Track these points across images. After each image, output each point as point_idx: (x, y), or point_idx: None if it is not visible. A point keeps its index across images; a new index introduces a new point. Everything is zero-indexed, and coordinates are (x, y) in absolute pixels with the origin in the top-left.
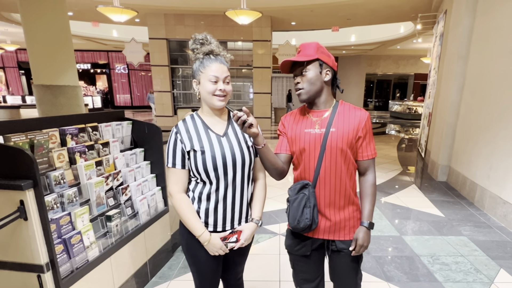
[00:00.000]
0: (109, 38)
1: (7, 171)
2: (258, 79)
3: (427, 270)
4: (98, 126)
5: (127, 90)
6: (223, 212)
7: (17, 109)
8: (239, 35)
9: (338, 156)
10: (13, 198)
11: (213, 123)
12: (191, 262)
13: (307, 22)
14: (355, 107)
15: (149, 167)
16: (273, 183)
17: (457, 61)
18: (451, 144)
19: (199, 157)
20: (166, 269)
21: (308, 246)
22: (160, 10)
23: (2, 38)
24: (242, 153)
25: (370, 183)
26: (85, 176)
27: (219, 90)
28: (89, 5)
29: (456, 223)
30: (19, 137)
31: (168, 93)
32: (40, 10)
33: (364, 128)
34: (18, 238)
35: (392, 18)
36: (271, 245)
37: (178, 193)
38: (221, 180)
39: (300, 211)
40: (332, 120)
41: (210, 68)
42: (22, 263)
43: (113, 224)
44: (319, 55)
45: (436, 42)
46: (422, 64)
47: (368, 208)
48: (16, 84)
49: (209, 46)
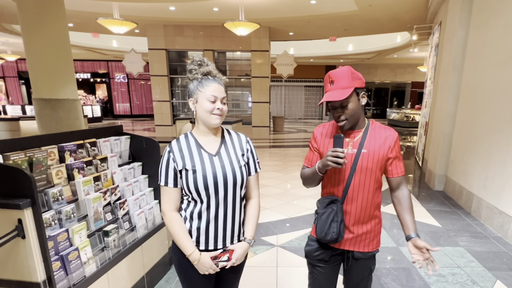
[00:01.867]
0: (109, 48)
1: (5, 190)
2: (256, 89)
3: (423, 282)
4: (97, 141)
5: (126, 99)
6: (214, 231)
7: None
8: (238, 45)
9: (367, 176)
10: (11, 217)
11: (206, 142)
12: (183, 280)
13: (305, 32)
14: (385, 127)
15: (147, 181)
16: (270, 193)
17: (452, 72)
18: (447, 154)
19: (190, 176)
20: (163, 282)
21: (328, 253)
22: (159, 22)
23: (3, 48)
24: (234, 172)
25: (406, 197)
26: (83, 192)
27: (217, 109)
28: (90, 17)
29: (453, 233)
30: (18, 155)
31: (167, 102)
32: (40, 21)
33: (393, 149)
34: (16, 256)
35: (389, 28)
36: (268, 257)
37: (170, 211)
38: (212, 199)
39: (328, 225)
40: (364, 141)
41: (209, 87)
42: (19, 281)
43: (111, 239)
44: (354, 84)
45: (431, 53)
46: (419, 72)
47: (412, 220)
48: (16, 94)
49: (207, 67)
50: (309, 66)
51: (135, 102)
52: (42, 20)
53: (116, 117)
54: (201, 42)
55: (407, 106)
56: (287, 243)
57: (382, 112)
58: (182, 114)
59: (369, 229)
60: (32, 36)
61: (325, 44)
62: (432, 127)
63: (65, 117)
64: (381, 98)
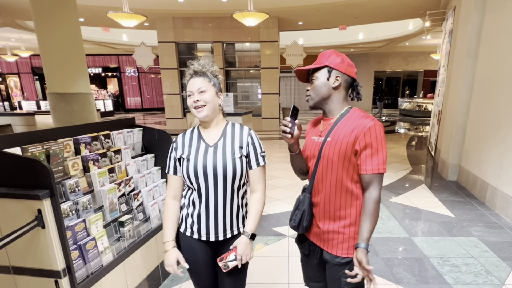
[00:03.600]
0: (119, 42)
1: (25, 181)
2: (266, 80)
3: (436, 272)
4: (110, 134)
5: (137, 92)
6: (206, 221)
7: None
8: (247, 36)
9: (329, 168)
10: (31, 207)
11: (207, 133)
12: (189, 271)
13: (314, 21)
14: (363, 115)
15: (159, 172)
16: (280, 184)
17: (466, 59)
18: (461, 143)
19: (184, 164)
20: None
21: (306, 247)
22: (168, 14)
23: (17, 45)
24: (225, 164)
25: (371, 199)
26: (98, 183)
27: (194, 101)
28: (100, 11)
29: (467, 223)
30: (36, 148)
31: (177, 95)
32: (53, 17)
33: (363, 139)
34: (37, 245)
35: (400, 15)
36: (279, 247)
37: (168, 198)
38: (202, 188)
39: (293, 212)
40: (333, 128)
41: (187, 86)
42: (40, 269)
43: (126, 229)
44: (329, 62)
45: (445, 39)
46: (431, 60)
47: (366, 227)
48: (30, 89)
49: (192, 66)
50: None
51: (146, 96)
52: (55, 16)
53: (127, 111)
54: (210, 34)
55: (419, 95)
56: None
57: (394, 101)
58: None
59: (335, 229)
60: (45, 32)
61: (335, 33)
62: (446, 116)
63: (78, 111)
64: (392, 87)
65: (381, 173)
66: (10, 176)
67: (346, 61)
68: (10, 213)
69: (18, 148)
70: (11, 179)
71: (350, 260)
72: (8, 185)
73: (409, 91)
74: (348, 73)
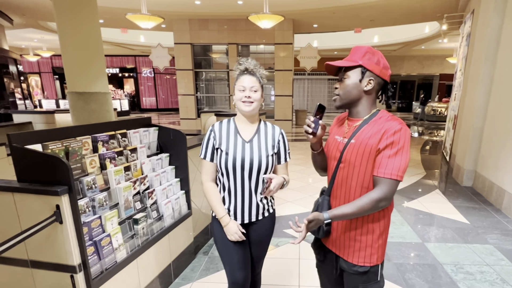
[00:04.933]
0: (136, 44)
1: (44, 177)
2: (279, 82)
3: (450, 279)
4: (127, 132)
5: (153, 93)
6: (241, 206)
7: (52, 114)
8: (261, 39)
9: (349, 172)
10: (50, 202)
11: (243, 128)
12: (224, 252)
13: (329, 24)
14: (391, 118)
15: (173, 171)
16: (292, 186)
17: (484, 63)
18: (477, 148)
19: (223, 156)
20: (188, 270)
21: (321, 253)
22: (185, 16)
23: (39, 45)
24: (260, 159)
25: (369, 195)
26: (114, 181)
27: (245, 96)
28: (119, 13)
29: (482, 230)
30: (56, 145)
31: (191, 96)
32: (75, 19)
33: (385, 141)
34: (54, 240)
35: (417, 18)
36: (290, 250)
37: (207, 182)
38: (238, 178)
39: None
40: (358, 131)
41: (240, 80)
42: (57, 263)
43: (140, 227)
44: (364, 61)
45: (462, 43)
46: (448, 64)
47: (342, 209)
48: (50, 89)
49: (245, 64)
50: (333, 59)
51: (161, 96)
52: (77, 17)
53: (142, 111)
54: (225, 36)
55: (435, 99)
56: (310, 236)
57: (408, 105)
58: (205, 108)
59: (352, 236)
60: (67, 33)
61: (349, 36)
62: (462, 120)
63: (97, 110)
64: (407, 91)
65: (393, 180)
66: (30, 172)
67: (383, 62)
68: (29, 207)
69: (39, 144)
70: (32, 175)
71: (368, 269)
72: (28, 181)
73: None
74: (383, 75)
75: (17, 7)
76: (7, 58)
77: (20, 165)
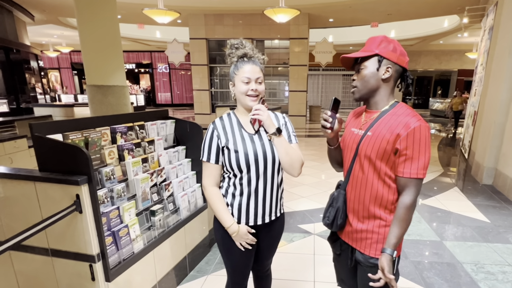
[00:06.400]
0: (152, 39)
1: (65, 167)
2: (294, 77)
3: (470, 279)
4: (145, 124)
5: (168, 88)
6: (255, 207)
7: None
8: (277, 33)
9: (365, 164)
10: (70, 192)
11: (247, 121)
12: (225, 255)
13: (346, 18)
14: (410, 112)
15: (190, 164)
16: (306, 182)
17: (509, 57)
18: (498, 145)
19: (232, 155)
20: (203, 263)
21: (338, 246)
22: (200, 11)
23: (58, 41)
24: (272, 149)
25: (403, 204)
26: (132, 172)
27: (251, 90)
28: (136, 8)
29: (503, 229)
30: (76, 135)
31: (206, 91)
32: (94, 14)
33: (405, 140)
34: (74, 229)
35: (437, 12)
36: (305, 245)
37: (211, 186)
38: (253, 175)
39: (326, 209)
40: (375, 123)
41: (243, 69)
42: (76, 252)
43: (157, 218)
44: (380, 50)
45: (484, 36)
46: (467, 59)
47: (394, 233)
48: (69, 84)
49: (243, 49)
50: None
51: (176, 92)
52: (96, 13)
53: (158, 106)
54: (240, 30)
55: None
56: (325, 231)
57: (425, 102)
58: (219, 103)
59: (369, 228)
60: (86, 28)
61: (365, 31)
62: (482, 116)
63: (114, 103)
64: (423, 87)
65: (419, 178)
66: (51, 161)
67: (399, 49)
68: (50, 196)
69: (59, 134)
70: (52, 164)
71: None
72: (49, 170)
73: (441, 91)
74: (400, 62)
75: (38, 3)
76: (28, 54)
77: (42, 154)
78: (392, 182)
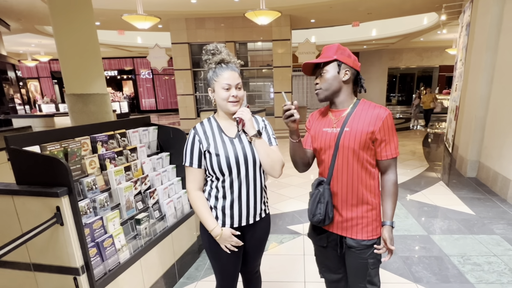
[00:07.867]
0: (134, 45)
1: (44, 179)
2: (278, 79)
3: (457, 271)
4: (126, 132)
5: (152, 94)
6: (238, 209)
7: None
8: (259, 36)
9: (350, 156)
10: (50, 204)
11: (227, 126)
12: (212, 259)
13: (327, 18)
14: (375, 105)
15: (174, 170)
16: (295, 183)
17: (486, 52)
18: (480, 139)
19: (214, 159)
20: (193, 270)
21: (324, 239)
22: (181, 15)
23: (37, 50)
24: (253, 152)
25: (391, 182)
26: (115, 181)
27: (232, 96)
28: (115, 14)
29: (488, 221)
30: (54, 146)
31: (191, 96)
32: (70, 21)
33: (382, 129)
34: (55, 242)
35: (415, 9)
36: (295, 246)
37: (194, 190)
38: (235, 179)
39: (315, 206)
40: (348, 119)
41: (223, 76)
42: (59, 266)
43: (142, 227)
44: (338, 56)
45: (462, 32)
46: (447, 55)
47: (389, 206)
48: (50, 93)
49: (220, 55)
50: None
51: (160, 97)
52: (72, 20)
53: (142, 113)
54: (223, 34)
55: (435, 91)
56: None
57: (408, 98)
58: (205, 107)
59: (359, 214)
60: (63, 34)
61: (347, 30)
62: (464, 111)
63: (95, 111)
64: (406, 84)
65: (396, 157)
66: (29, 174)
67: (352, 56)
68: (30, 210)
69: (37, 146)
70: (31, 177)
71: (375, 241)
72: (27, 183)
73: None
74: (355, 66)
75: (13, 11)
76: (5, 64)
77: (19, 167)
78: (372, 168)
